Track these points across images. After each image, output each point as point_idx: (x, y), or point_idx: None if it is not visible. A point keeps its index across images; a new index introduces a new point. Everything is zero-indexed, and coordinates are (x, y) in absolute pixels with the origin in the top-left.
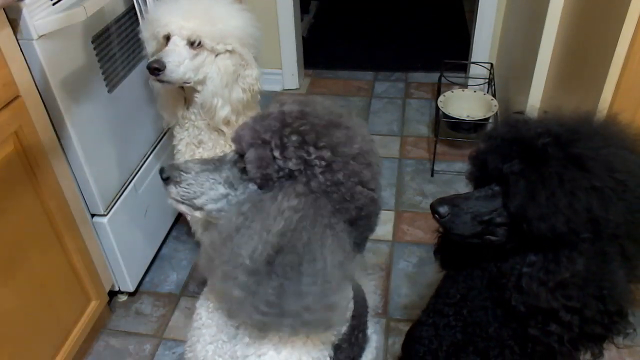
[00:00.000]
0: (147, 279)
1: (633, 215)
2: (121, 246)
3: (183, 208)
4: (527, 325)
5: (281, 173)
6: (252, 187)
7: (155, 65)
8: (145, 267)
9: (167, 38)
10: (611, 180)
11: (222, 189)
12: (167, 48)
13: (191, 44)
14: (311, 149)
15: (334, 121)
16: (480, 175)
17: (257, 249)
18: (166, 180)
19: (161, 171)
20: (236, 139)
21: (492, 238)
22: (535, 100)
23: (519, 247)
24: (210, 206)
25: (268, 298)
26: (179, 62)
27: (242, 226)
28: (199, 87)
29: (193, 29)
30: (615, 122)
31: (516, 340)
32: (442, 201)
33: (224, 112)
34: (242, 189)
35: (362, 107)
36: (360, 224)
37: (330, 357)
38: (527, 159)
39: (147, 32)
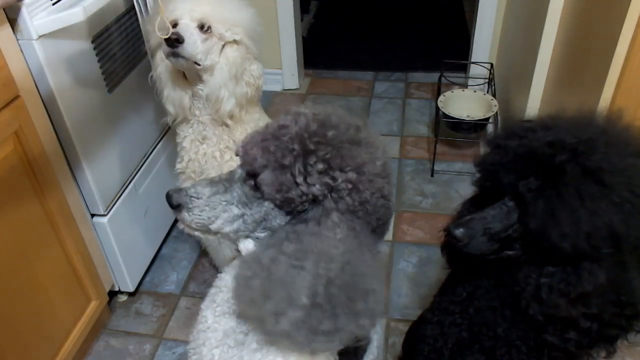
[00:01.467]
0: (147, 279)
1: None
2: (121, 246)
3: (198, 234)
4: (543, 331)
5: (304, 198)
6: (268, 205)
7: (176, 37)
8: (145, 267)
9: (175, 25)
10: (630, 194)
11: (236, 210)
12: (179, 27)
13: (201, 27)
14: (337, 174)
15: (355, 139)
16: (490, 187)
17: (316, 287)
18: (177, 207)
19: (169, 198)
20: (245, 158)
21: (509, 253)
22: (535, 100)
23: (535, 259)
24: (227, 229)
25: (325, 328)
26: (194, 40)
27: (290, 265)
28: (205, 76)
29: (204, 12)
30: (627, 127)
31: (524, 341)
32: (458, 224)
33: (229, 104)
34: (257, 207)
35: (362, 107)
36: (378, 232)
37: None
38: (543, 175)
39: (151, 24)
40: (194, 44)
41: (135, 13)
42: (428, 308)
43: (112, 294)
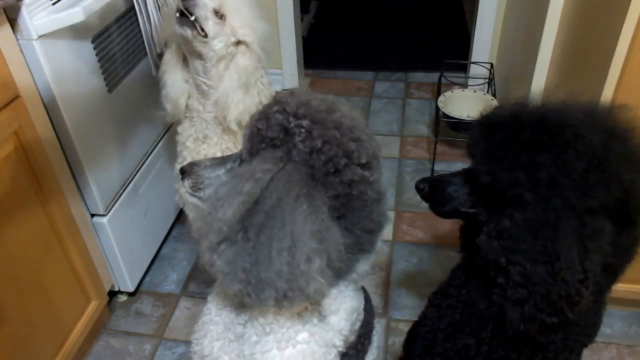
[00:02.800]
0: (147, 279)
1: (562, 158)
2: (121, 246)
3: (194, 200)
4: (487, 282)
5: (264, 144)
6: None
7: None
8: (145, 267)
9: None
10: (545, 131)
11: (225, 179)
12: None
13: (216, 12)
14: (291, 118)
15: (318, 97)
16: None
17: (229, 211)
18: (183, 174)
19: (181, 168)
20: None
21: (469, 211)
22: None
23: (490, 214)
24: None
25: (244, 265)
26: (206, 11)
27: (221, 192)
28: (208, 67)
29: (222, 0)
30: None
31: (505, 317)
32: (423, 179)
33: (237, 110)
34: None
35: (362, 107)
36: (354, 207)
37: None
38: (483, 130)
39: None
40: (204, 6)
41: (135, 13)
42: (433, 292)
43: (112, 294)
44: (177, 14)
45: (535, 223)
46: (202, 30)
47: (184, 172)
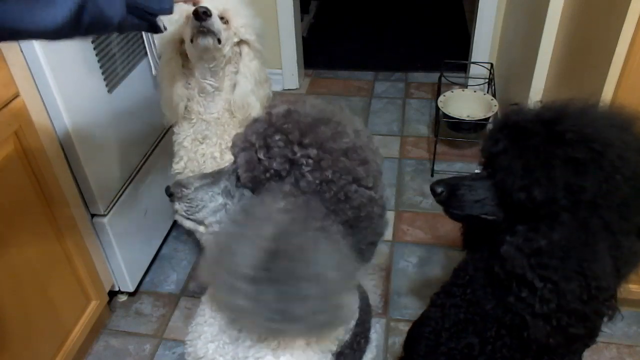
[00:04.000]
0: (147, 279)
1: (609, 183)
2: (121, 246)
3: (188, 224)
4: (504, 292)
5: (268, 174)
6: (247, 193)
7: (205, 9)
8: (145, 267)
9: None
10: (588, 150)
11: (220, 199)
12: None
13: (220, 18)
14: (296, 148)
15: (320, 118)
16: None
17: (253, 256)
18: (170, 197)
19: (167, 189)
20: (231, 148)
21: (488, 217)
22: (535, 100)
23: (511, 222)
24: (211, 218)
25: (272, 305)
26: (217, 19)
27: (237, 234)
28: (215, 69)
29: (224, 5)
30: (605, 105)
31: (510, 318)
32: (439, 182)
33: (256, 109)
34: (238, 197)
35: (362, 107)
36: (362, 227)
37: None
38: (509, 137)
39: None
40: (218, 20)
41: None
42: (436, 292)
43: (112, 294)
44: (196, 30)
45: (571, 243)
46: (219, 41)
47: (172, 194)
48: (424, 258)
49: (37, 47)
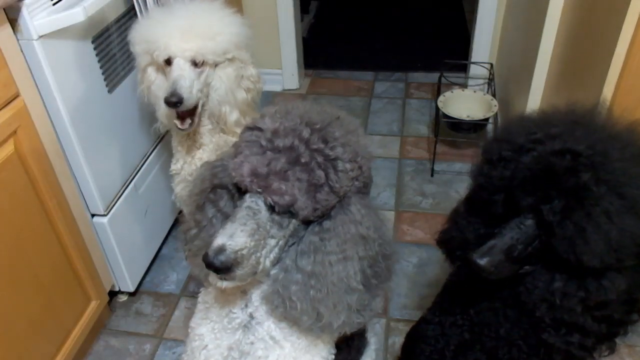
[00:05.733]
0: (147, 279)
1: None
2: (121, 246)
3: (249, 280)
4: (544, 332)
5: (335, 200)
6: (295, 222)
7: (174, 100)
8: (145, 267)
9: (169, 61)
10: None
11: (272, 242)
12: (173, 75)
13: (195, 64)
14: (349, 165)
15: (349, 128)
16: (501, 202)
17: (364, 270)
18: (228, 269)
19: (212, 263)
20: (265, 192)
21: (527, 268)
22: (535, 100)
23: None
24: (268, 263)
25: (368, 303)
26: (190, 86)
27: (336, 260)
28: (203, 99)
29: (196, 50)
30: (629, 127)
31: (525, 340)
32: (482, 254)
33: (233, 117)
34: (286, 227)
35: (362, 107)
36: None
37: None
38: (566, 194)
39: (140, 48)
40: (190, 95)
41: (135, 13)
42: (429, 308)
43: (112, 294)
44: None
45: (633, 287)
46: (196, 108)
47: (229, 267)
48: (424, 258)
49: (37, 47)
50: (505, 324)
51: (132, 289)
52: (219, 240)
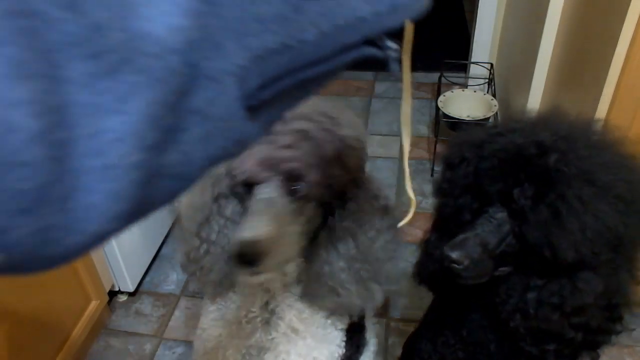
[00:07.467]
0: (147, 279)
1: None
2: (121, 246)
3: (279, 270)
4: (520, 340)
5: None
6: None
7: (251, 258)
8: (145, 267)
9: None
10: (624, 192)
11: (294, 228)
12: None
13: None
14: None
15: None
16: (471, 209)
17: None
18: (260, 259)
19: (245, 254)
20: (272, 167)
21: (502, 269)
22: (535, 100)
23: (521, 272)
24: (295, 248)
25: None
26: None
27: (369, 236)
28: None
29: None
30: (590, 120)
31: (517, 354)
32: (452, 246)
33: None
34: (307, 210)
35: (362, 107)
36: None
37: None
38: (537, 180)
39: None
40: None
41: None
42: (422, 319)
43: (112, 294)
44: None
45: (609, 287)
46: None
47: (253, 261)
48: None
49: None
50: (493, 340)
51: (132, 289)
52: (243, 233)
